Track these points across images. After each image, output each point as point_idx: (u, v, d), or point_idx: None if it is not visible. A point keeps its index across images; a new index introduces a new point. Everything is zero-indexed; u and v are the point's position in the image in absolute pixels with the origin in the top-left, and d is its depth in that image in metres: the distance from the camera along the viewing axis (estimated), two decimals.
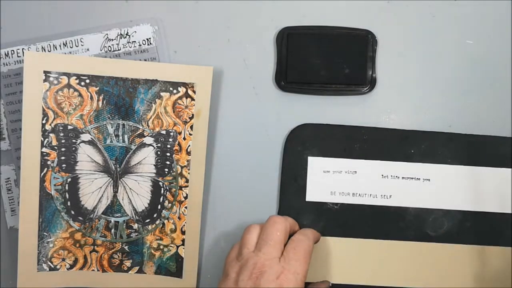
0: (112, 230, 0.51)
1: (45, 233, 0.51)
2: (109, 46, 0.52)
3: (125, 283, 0.52)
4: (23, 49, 0.51)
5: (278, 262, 0.44)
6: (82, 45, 0.52)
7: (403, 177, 0.51)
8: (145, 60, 0.52)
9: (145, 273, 0.52)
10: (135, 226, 0.51)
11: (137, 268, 0.52)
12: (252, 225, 0.47)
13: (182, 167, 0.51)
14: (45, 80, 0.49)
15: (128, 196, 0.51)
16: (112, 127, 0.50)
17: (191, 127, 0.51)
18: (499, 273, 0.51)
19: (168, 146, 0.51)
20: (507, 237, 0.51)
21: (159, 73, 0.50)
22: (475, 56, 0.52)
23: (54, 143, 0.50)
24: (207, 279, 0.52)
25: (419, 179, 0.51)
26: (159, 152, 0.51)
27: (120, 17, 0.52)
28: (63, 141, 0.50)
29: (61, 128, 0.50)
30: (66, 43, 0.51)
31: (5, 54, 0.51)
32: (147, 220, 0.51)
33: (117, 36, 0.52)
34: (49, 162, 0.50)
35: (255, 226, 0.47)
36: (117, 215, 0.51)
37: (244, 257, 0.45)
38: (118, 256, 0.52)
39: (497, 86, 0.52)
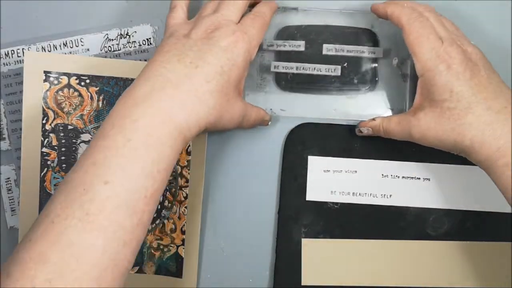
0: None
1: None
2: (109, 46, 0.52)
3: (125, 283, 0.52)
4: (23, 49, 0.51)
5: (235, 24, 0.44)
6: (82, 45, 0.52)
7: (403, 177, 0.51)
8: (145, 60, 0.52)
9: (145, 273, 0.52)
10: None
11: (137, 268, 0.52)
12: None
13: (182, 167, 0.51)
14: (45, 80, 0.49)
15: None
16: None
17: None
18: (500, 271, 0.51)
19: None
20: (507, 236, 0.50)
21: None
22: None
23: (54, 143, 0.50)
24: (207, 279, 0.52)
25: (419, 178, 0.51)
26: None
27: (120, 17, 0.52)
28: (63, 141, 0.50)
29: (61, 128, 0.50)
30: (66, 43, 0.51)
31: (5, 54, 0.51)
32: None
33: (117, 36, 0.52)
34: (49, 162, 0.50)
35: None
36: None
37: (200, 17, 0.44)
38: None
39: None
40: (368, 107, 0.51)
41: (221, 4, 0.45)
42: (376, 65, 0.51)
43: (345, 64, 0.51)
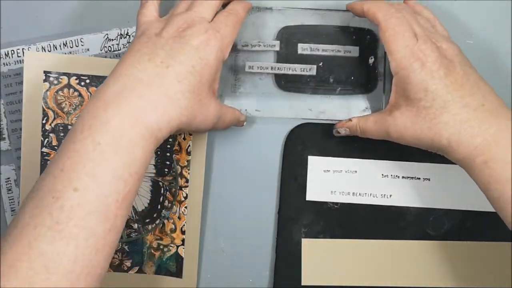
0: None
1: None
2: (109, 46, 0.52)
3: (125, 283, 0.52)
4: (23, 49, 0.51)
5: (208, 22, 0.43)
6: (82, 45, 0.52)
7: (403, 177, 0.51)
8: None
9: (145, 273, 0.52)
10: (135, 226, 0.51)
11: (137, 268, 0.52)
12: None
13: (182, 167, 0.51)
14: (45, 80, 0.49)
15: None
16: None
17: None
18: (500, 271, 0.51)
19: (168, 146, 0.51)
20: (507, 236, 0.50)
21: None
22: (475, 56, 0.52)
23: (54, 143, 0.50)
24: (207, 279, 0.52)
25: (419, 178, 0.51)
26: (159, 152, 0.51)
27: (120, 17, 0.52)
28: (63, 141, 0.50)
29: (61, 128, 0.50)
30: (66, 43, 0.51)
31: (5, 54, 0.51)
32: (147, 220, 0.51)
33: (117, 36, 0.52)
34: (49, 162, 0.50)
35: None
36: None
37: (172, 15, 0.44)
38: (118, 256, 0.52)
39: (497, 86, 0.51)
40: (344, 106, 0.51)
41: (194, 2, 0.44)
42: (351, 64, 0.51)
43: (320, 64, 0.51)
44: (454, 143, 0.41)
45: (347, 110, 0.51)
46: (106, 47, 0.52)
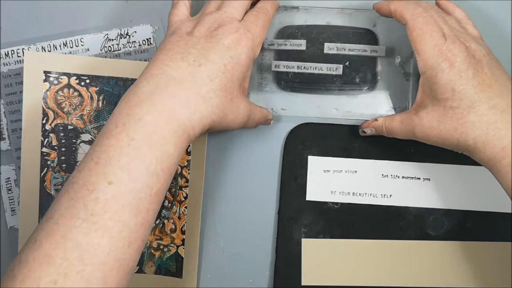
0: None
1: None
2: (109, 46, 0.52)
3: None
4: (23, 49, 0.51)
5: (239, 21, 0.43)
6: (82, 45, 0.52)
7: (403, 177, 0.51)
8: (145, 60, 0.52)
9: (145, 273, 0.52)
10: None
11: (137, 268, 0.52)
12: None
13: (182, 167, 0.51)
14: (45, 80, 0.49)
15: None
16: None
17: None
18: (500, 271, 0.51)
19: None
20: (507, 236, 0.50)
21: None
22: None
23: (54, 143, 0.50)
24: (207, 279, 0.52)
25: (419, 178, 0.51)
26: None
27: (120, 17, 0.52)
28: (63, 141, 0.50)
29: (61, 128, 0.50)
30: (66, 43, 0.51)
31: (5, 54, 0.51)
32: None
33: (117, 36, 0.52)
34: (49, 162, 0.50)
35: None
36: None
37: (203, 15, 0.44)
38: None
39: None
40: (370, 106, 0.51)
41: (224, 2, 0.45)
42: (378, 63, 0.51)
43: (347, 63, 0.51)
44: (480, 144, 0.41)
45: (373, 109, 0.51)
46: (106, 47, 0.52)
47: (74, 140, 0.50)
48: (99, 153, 0.38)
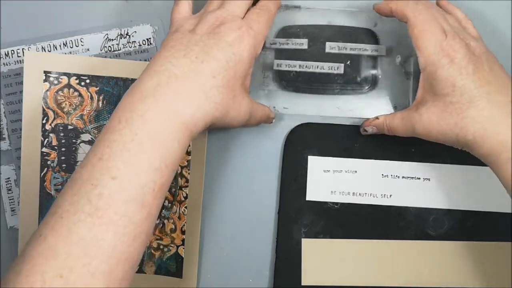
0: None
1: None
2: (109, 46, 0.52)
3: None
4: (23, 49, 0.51)
5: (241, 19, 0.44)
6: (82, 45, 0.52)
7: (403, 177, 0.51)
8: (145, 60, 0.52)
9: (145, 273, 0.52)
10: None
11: (137, 268, 0.52)
12: None
13: (182, 167, 0.51)
14: (45, 80, 0.49)
15: None
16: None
17: None
18: (500, 271, 0.51)
19: None
20: (507, 236, 0.50)
21: None
22: None
23: (54, 143, 0.50)
24: (207, 279, 0.52)
25: (420, 178, 0.51)
26: None
27: (120, 17, 0.52)
28: (63, 141, 0.50)
29: (61, 128, 0.50)
30: (66, 43, 0.51)
31: (5, 54, 0.51)
32: None
33: (117, 36, 0.52)
34: (49, 162, 0.50)
35: None
36: None
37: (205, 12, 0.44)
38: None
39: None
40: (371, 105, 0.51)
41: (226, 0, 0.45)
42: (378, 63, 0.51)
43: (348, 62, 0.51)
44: (480, 138, 0.41)
45: (373, 108, 0.51)
46: (106, 47, 0.52)
47: (74, 140, 0.50)
48: (102, 148, 0.38)
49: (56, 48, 0.52)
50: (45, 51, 0.51)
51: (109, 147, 0.38)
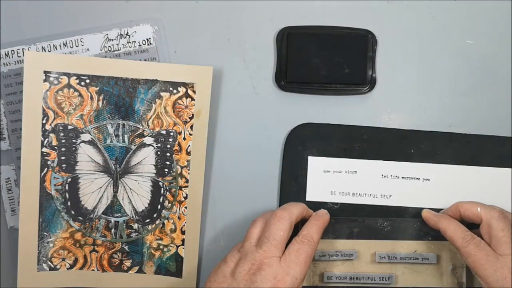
0: (112, 230, 0.51)
1: (45, 233, 0.51)
2: (109, 46, 0.52)
3: (125, 283, 0.52)
4: (23, 49, 0.51)
5: (278, 261, 0.44)
6: (82, 45, 0.52)
7: (403, 177, 0.51)
8: (145, 60, 0.52)
9: (145, 273, 0.52)
10: (135, 226, 0.51)
11: (137, 268, 0.52)
12: (258, 218, 0.47)
13: (182, 167, 0.51)
14: (45, 80, 0.49)
15: (128, 196, 0.51)
16: (112, 127, 0.50)
17: (191, 127, 0.51)
18: None
19: (168, 146, 0.51)
20: None
21: (159, 73, 0.50)
22: (475, 56, 0.52)
23: (54, 143, 0.50)
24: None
25: (419, 179, 0.51)
26: (159, 152, 0.51)
27: (120, 17, 0.52)
28: (63, 141, 0.50)
29: (61, 128, 0.50)
30: (66, 43, 0.51)
31: (5, 54, 0.51)
32: (147, 220, 0.51)
33: (117, 36, 0.52)
34: (49, 162, 0.50)
35: (260, 219, 0.47)
36: (117, 215, 0.51)
37: (245, 250, 0.45)
38: (118, 256, 0.52)
39: (497, 86, 0.52)
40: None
41: (264, 236, 0.45)
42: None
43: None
44: None
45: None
46: (106, 47, 0.52)
47: (74, 140, 0.50)
48: None
49: (56, 48, 0.52)
50: (45, 51, 0.51)
51: None
